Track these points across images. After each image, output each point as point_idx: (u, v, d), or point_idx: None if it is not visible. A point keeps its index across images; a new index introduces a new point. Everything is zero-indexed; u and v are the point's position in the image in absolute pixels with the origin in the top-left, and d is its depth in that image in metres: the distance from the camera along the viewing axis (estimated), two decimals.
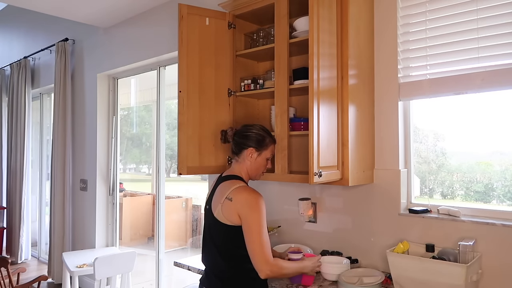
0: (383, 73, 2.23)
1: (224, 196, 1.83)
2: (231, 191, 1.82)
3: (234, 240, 1.82)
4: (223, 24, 2.50)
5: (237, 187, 1.84)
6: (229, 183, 1.88)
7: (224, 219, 1.82)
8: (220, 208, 1.82)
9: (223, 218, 1.82)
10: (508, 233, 1.81)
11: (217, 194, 1.89)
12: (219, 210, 1.83)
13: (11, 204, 5.58)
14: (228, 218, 1.81)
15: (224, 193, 1.84)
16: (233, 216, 1.80)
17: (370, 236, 2.25)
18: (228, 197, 1.81)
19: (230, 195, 1.81)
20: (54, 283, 4.64)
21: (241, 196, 1.81)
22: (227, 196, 1.82)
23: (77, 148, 4.73)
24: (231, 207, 1.80)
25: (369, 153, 2.21)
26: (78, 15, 3.98)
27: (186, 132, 2.36)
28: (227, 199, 1.81)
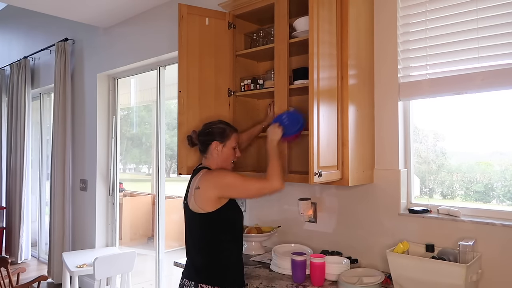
0: (383, 73, 2.23)
1: (194, 188, 1.94)
2: (197, 180, 1.94)
3: (208, 227, 1.92)
4: (223, 24, 2.50)
5: (200, 175, 1.95)
6: (196, 176, 1.99)
7: (198, 208, 1.91)
8: (193, 199, 1.92)
9: (197, 208, 1.91)
10: (508, 233, 1.81)
11: (190, 188, 1.99)
12: (193, 201, 1.93)
13: (11, 204, 5.58)
14: (201, 206, 1.90)
15: (194, 185, 1.95)
16: (205, 202, 1.89)
17: (370, 236, 2.25)
18: (196, 186, 1.92)
19: (197, 184, 1.92)
20: (54, 283, 4.64)
21: (205, 179, 1.92)
22: (195, 186, 1.93)
23: (77, 148, 4.73)
24: (201, 195, 1.90)
25: (369, 153, 2.21)
26: (78, 15, 3.97)
27: (186, 132, 2.36)
28: (195, 189, 1.92)
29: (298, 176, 2.16)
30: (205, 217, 1.90)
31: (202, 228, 1.94)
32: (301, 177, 2.14)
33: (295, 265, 2.05)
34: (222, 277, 1.92)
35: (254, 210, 2.84)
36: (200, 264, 1.94)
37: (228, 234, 1.96)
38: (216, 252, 1.93)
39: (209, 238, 1.93)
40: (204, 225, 1.93)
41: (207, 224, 1.92)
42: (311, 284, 2.01)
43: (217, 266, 1.93)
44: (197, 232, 1.96)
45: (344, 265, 2.07)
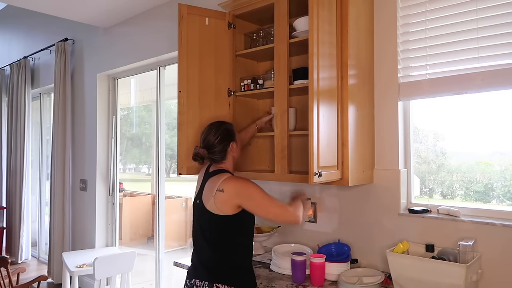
0: (383, 73, 2.23)
1: (215, 189, 1.90)
2: (221, 183, 1.90)
3: (225, 229, 1.91)
4: (223, 24, 2.50)
5: (225, 178, 1.91)
6: (217, 177, 1.95)
7: (217, 210, 1.88)
8: (213, 200, 1.89)
9: (216, 210, 1.88)
10: (508, 233, 1.81)
11: (207, 189, 1.95)
12: (212, 202, 1.89)
13: (11, 204, 5.58)
14: (221, 209, 1.88)
15: (215, 186, 1.91)
16: (226, 206, 1.87)
17: (370, 236, 2.25)
18: (219, 189, 1.89)
19: (221, 187, 1.89)
20: (54, 283, 4.64)
21: (231, 184, 1.89)
22: (217, 188, 1.89)
23: (77, 148, 4.73)
24: (223, 198, 1.87)
25: (369, 153, 2.21)
26: (78, 15, 3.97)
27: (186, 132, 2.36)
28: (218, 191, 1.89)
29: (298, 176, 2.16)
30: (224, 219, 1.89)
31: (219, 228, 1.91)
32: (301, 177, 2.14)
33: (295, 265, 2.05)
34: (238, 278, 1.91)
35: None
36: (215, 264, 1.92)
37: (244, 236, 1.97)
38: (232, 252, 1.92)
39: (226, 239, 1.91)
40: (222, 226, 1.91)
41: (225, 226, 1.90)
42: (311, 284, 2.01)
43: (233, 266, 1.92)
44: (213, 232, 1.93)
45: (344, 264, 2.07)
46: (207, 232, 1.94)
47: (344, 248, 2.21)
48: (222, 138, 2.02)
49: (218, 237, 1.92)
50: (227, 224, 1.90)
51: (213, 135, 2.02)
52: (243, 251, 1.96)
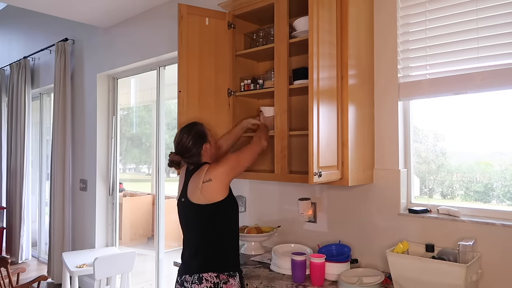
0: (383, 73, 2.23)
1: (201, 182, 1.95)
2: (205, 174, 1.96)
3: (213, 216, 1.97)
4: (223, 24, 2.50)
5: (207, 169, 1.98)
6: (199, 171, 2.01)
7: (205, 200, 1.95)
8: (200, 193, 1.95)
9: (204, 200, 1.95)
10: (508, 233, 1.81)
11: (191, 185, 2.00)
12: (199, 195, 1.95)
13: (11, 204, 5.58)
14: (210, 198, 1.95)
15: (199, 180, 1.96)
16: (217, 191, 1.96)
17: (370, 236, 2.25)
18: (206, 179, 1.95)
19: (207, 177, 1.95)
20: (54, 283, 4.64)
21: (215, 171, 1.96)
22: (204, 180, 1.95)
23: (77, 148, 4.73)
24: (213, 185, 1.95)
25: (369, 153, 2.21)
26: (78, 15, 3.97)
27: None
28: (205, 182, 1.95)
29: (298, 176, 2.16)
30: (212, 206, 1.95)
31: (207, 216, 1.97)
32: (301, 177, 2.14)
33: (295, 265, 2.05)
34: (225, 264, 1.97)
35: (254, 210, 2.84)
36: (204, 252, 1.97)
37: (230, 222, 2.04)
38: (219, 238, 1.98)
39: (214, 225, 1.98)
40: (211, 213, 1.96)
41: (214, 212, 1.96)
42: (311, 284, 2.01)
43: (221, 252, 1.99)
44: (201, 221, 1.99)
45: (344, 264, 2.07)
46: (195, 224, 2.00)
47: (345, 249, 2.21)
48: (194, 142, 2.04)
49: (208, 224, 1.97)
50: (216, 211, 1.96)
51: (185, 140, 2.05)
52: (230, 236, 2.02)
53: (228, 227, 2.02)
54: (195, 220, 2.00)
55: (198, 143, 2.04)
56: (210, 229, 1.98)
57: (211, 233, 1.98)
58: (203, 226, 1.98)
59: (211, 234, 1.98)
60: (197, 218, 1.99)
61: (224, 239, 2.00)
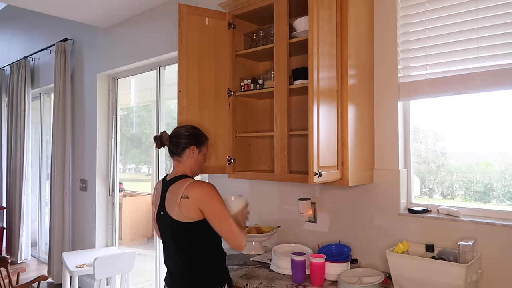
0: (383, 73, 2.23)
1: (179, 196, 1.86)
2: (184, 189, 1.86)
3: (193, 236, 1.89)
4: (223, 24, 2.50)
5: (188, 184, 1.88)
6: (179, 183, 1.91)
7: (184, 217, 1.86)
8: (178, 208, 1.85)
9: (183, 217, 1.86)
10: (508, 233, 1.81)
11: (169, 198, 1.91)
12: (178, 211, 1.86)
13: (11, 204, 5.57)
14: (188, 215, 1.85)
15: (178, 194, 1.87)
16: (192, 211, 1.85)
17: (370, 236, 2.25)
18: (184, 195, 1.85)
19: (185, 193, 1.85)
20: (54, 283, 4.64)
21: (195, 190, 1.86)
22: (182, 195, 1.86)
23: (76, 148, 4.73)
24: (189, 204, 1.84)
25: (368, 153, 2.21)
26: (78, 15, 3.97)
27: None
28: (183, 198, 1.85)
29: (298, 176, 2.16)
30: (191, 225, 1.86)
31: (187, 236, 1.89)
32: (301, 177, 2.14)
33: (295, 265, 2.05)
34: (212, 277, 1.93)
35: (254, 210, 2.83)
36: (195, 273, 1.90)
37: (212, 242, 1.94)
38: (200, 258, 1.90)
39: (194, 246, 1.90)
40: (189, 233, 1.88)
41: (193, 232, 1.88)
42: (311, 284, 2.01)
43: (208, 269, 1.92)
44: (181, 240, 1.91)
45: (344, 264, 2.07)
46: (175, 241, 1.92)
47: (345, 249, 2.21)
48: (189, 136, 2.00)
49: (187, 244, 1.89)
50: (195, 230, 1.87)
51: (183, 130, 2.02)
52: (212, 257, 1.94)
53: (211, 243, 1.93)
54: (176, 236, 1.91)
55: (191, 139, 2.00)
56: (193, 246, 1.89)
57: (195, 250, 1.90)
58: (186, 244, 1.90)
59: (194, 251, 1.89)
60: (177, 235, 1.90)
61: (209, 255, 1.93)
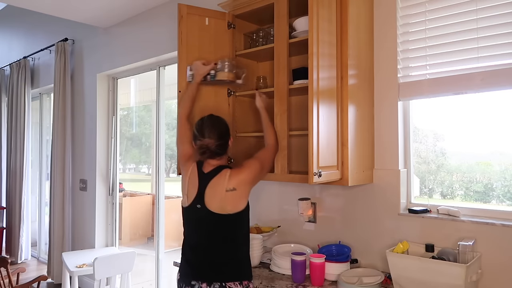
0: (382, 73, 2.23)
1: (224, 190, 1.88)
2: (228, 181, 1.89)
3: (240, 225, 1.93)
4: (223, 24, 2.49)
5: (229, 175, 1.91)
6: (219, 177, 1.92)
7: (229, 210, 1.89)
8: (223, 203, 1.88)
9: (229, 210, 1.89)
10: (508, 233, 1.81)
11: (211, 193, 1.91)
12: (222, 205, 1.88)
13: (11, 204, 5.57)
14: (234, 208, 1.89)
15: (222, 188, 1.89)
16: (240, 201, 1.90)
17: (370, 236, 2.25)
18: (229, 188, 1.88)
19: (230, 186, 1.88)
20: (53, 283, 4.64)
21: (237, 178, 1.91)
22: (227, 188, 1.88)
23: (76, 148, 4.72)
24: (237, 195, 1.89)
25: (368, 153, 2.21)
26: (78, 15, 3.97)
27: None
28: (229, 191, 1.88)
29: (298, 176, 2.16)
30: (237, 215, 1.91)
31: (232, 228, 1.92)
32: (301, 177, 2.14)
33: (295, 265, 2.05)
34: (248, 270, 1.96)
35: (254, 210, 2.83)
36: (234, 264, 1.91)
37: (248, 228, 2.00)
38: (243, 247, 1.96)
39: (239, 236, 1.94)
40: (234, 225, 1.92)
41: (237, 223, 1.93)
42: (311, 284, 2.01)
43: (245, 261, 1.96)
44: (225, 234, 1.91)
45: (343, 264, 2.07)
46: (215, 233, 1.91)
47: (345, 249, 2.21)
48: (226, 130, 2.00)
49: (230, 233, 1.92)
50: (238, 220, 1.92)
51: (220, 126, 1.98)
52: (248, 242, 2.00)
53: (247, 234, 1.98)
54: (215, 229, 1.91)
55: (228, 133, 2.00)
56: (232, 238, 1.92)
57: (233, 241, 1.92)
58: (224, 236, 1.91)
59: (232, 242, 1.92)
60: (219, 227, 1.91)
61: (245, 246, 1.97)
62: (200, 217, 1.94)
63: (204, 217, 1.92)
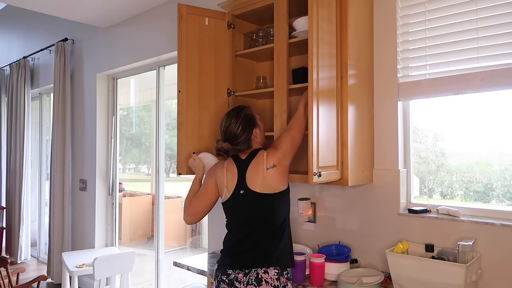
0: (382, 73, 2.23)
1: (265, 168, 1.89)
2: (266, 160, 1.90)
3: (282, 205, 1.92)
4: (223, 24, 2.50)
5: (266, 154, 1.93)
6: (257, 158, 1.93)
7: (272, 189, 1.89)
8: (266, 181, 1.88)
9: (271, 189, 1.88)
10: (508, 233, 1.81)
11: (252, 174, 1.91)
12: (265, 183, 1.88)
13: (11, 204, 5.57)
14: (277, 186, 1.90)
15: (262, 168, 1.90)
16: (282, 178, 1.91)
17: (370, 236, 2.25)
18: (270, 166, 1.90)
19: (270, 163, 1.90)
20: (53, 283, 4.64)
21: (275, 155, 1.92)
22: (267, 166, 1.90)
23: (76, 148, 4.72)
24: (278, 172, 1.90)
25: (368, 153, 2.21)
26: (78, 15, 3.97)
27: (186, 132, 2.36)
28: (270, 168, 1.89)
29: (298, 176, 2.16)
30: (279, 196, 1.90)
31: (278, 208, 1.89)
32: (301, 177, 2.14)
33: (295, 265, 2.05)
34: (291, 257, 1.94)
35: None
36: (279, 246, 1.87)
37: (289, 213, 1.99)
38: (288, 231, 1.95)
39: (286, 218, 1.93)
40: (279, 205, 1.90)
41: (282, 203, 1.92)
42: (311, 284, 2.01)
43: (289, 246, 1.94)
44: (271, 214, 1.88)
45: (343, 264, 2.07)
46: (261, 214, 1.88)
47: (344, 249, 2.21)
48: (244, 127, 1.98)
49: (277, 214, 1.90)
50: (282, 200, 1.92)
51: (234, 126, 1.97)
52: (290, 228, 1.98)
53: (289, 217, 1.97)
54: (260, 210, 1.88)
55: (247, 129, 1.98)
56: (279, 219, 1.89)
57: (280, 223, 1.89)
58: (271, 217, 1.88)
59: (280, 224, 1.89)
60: (264, 208, 1.88)
61: (289, 231, 1.95)
62: (246, 203, 1.90)
63: (250, 201, 1.89)
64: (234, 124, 1.98)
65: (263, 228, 1.89)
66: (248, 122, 2.00)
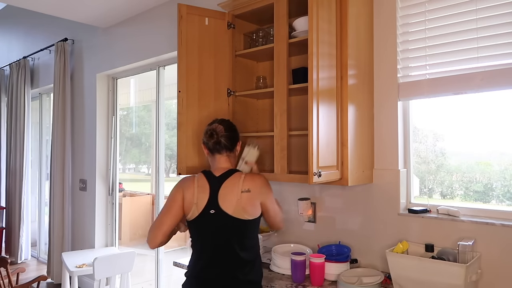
0: (382, 73, 2.23)
1: (239, 191, 1.80)
2: (242, 183, 1.83)
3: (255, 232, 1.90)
4: (223, 24, 2.50)
5: (244, 177, 1.86)
6: (233, 178, 1.86)
7: (244, 214, 1.80)
8: (241, 205, 1.79)
9: (243, 214, 1.80)
10: (508, 233, 1.81)
11: (225, 194, 1.81)
12: (238, 207, 1.78)
13: (11, 204, 5.57)
14: (250, 211, 1.82)
15: (236, 189, 1.81)
16: (255, 206, 1.84)
17: (370, 236, 2.25)
18: (244, 189, 1.81)
19: (245, 187, 1.81)
20: (53, 283, 4.64)
21: (254, 182, 1.85)
22: (242, 190, 1.81)
23: (76, 148, 4.72)
24: (252, 198, 1.82)
25: (368, 153, 2.21)
26: (78, 15, 3.97)
27: (186, 132, 2.36)
28: (244, 192, 1.80)
29: (298, 176, 2.16)
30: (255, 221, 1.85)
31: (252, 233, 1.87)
32: (301, 177, 2.14)
33: (294, 265, 2.05)
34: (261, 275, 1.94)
35: None
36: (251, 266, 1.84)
37: None
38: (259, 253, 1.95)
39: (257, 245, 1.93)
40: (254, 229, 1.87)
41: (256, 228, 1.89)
42: (311, 284, 2.01)
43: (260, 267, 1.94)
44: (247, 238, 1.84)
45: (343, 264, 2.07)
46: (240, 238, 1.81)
47: (344, 250, 2.21)
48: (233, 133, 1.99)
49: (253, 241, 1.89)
50: (255, 227, 1.87)
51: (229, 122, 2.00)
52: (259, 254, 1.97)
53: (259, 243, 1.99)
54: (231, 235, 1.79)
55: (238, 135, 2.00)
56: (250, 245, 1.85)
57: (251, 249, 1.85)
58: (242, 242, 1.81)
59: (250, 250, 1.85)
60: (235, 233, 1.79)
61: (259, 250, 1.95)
62: (216, 224, 1.80)
63: (221, 224, 1.79)
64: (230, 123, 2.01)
65: (233, 254, 1.79)
66: (236, 133, 2.00)
